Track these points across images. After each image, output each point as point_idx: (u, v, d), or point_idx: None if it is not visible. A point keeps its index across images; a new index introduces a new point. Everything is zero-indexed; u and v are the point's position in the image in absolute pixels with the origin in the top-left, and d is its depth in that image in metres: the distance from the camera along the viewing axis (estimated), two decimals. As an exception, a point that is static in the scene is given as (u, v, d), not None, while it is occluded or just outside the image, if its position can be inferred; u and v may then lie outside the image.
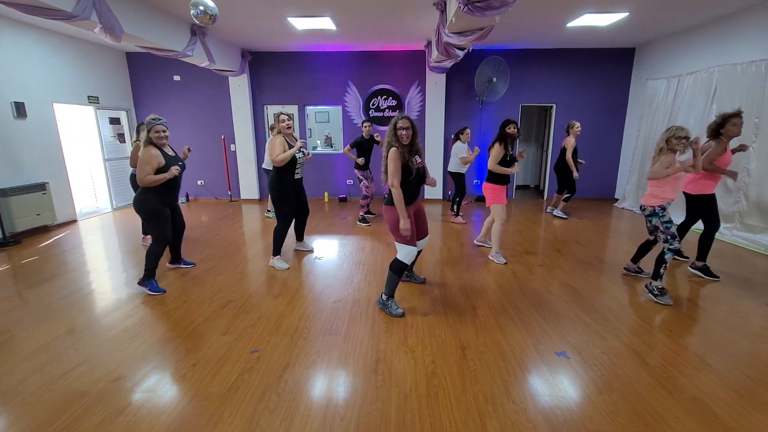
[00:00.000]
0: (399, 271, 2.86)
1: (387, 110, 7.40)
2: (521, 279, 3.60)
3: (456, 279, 3.60)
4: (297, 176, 3.83)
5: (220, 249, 4.54)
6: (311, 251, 4.42)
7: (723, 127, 3.38)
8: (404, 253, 2.81)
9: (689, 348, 2.46)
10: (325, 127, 9.10)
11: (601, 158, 7.38)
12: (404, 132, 2.68)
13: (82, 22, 3.68)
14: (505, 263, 3.98)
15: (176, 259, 3.92)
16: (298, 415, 1.90)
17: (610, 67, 7.06)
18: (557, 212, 6.10)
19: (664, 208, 3.11)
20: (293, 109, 7.60)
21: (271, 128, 5.28)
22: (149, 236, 4.85)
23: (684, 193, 3.62)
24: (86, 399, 2.02)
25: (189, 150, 3.95)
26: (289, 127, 3.76)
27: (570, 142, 5.62)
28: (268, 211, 6.41)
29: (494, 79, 6.84)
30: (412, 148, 2.76)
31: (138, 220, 5.44)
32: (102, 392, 2.07)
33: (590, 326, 2.73)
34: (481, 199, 7.58)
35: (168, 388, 2.11)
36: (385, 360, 2.34)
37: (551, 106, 7.43)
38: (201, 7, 3.22)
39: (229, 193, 7.82)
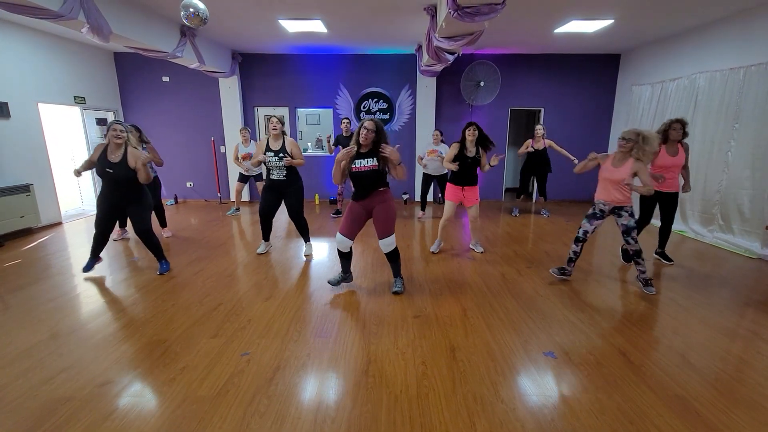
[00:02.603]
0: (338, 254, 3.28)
1: (378, 113, 7.43)
2: (510, 280, 3.64)
3: (446, 281, 3.63)
4: (273, 177, 4.03)
5: (209, 251, 4.50)
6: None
7: (667, 132, 3.70)
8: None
9: (672, 347, 2.53)
10: (315, 129, 9.09)
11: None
12: (364, 132, 2.92)
13: (70, 22, 3.63)
14: (434, 253, 4.38)
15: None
16: (289, 417, 1.89)
17: (596, 72, 7.21)
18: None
19: (593, 203, 3.47)
20: (284, 111, 7.58)
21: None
22: (121, 229, 5.11)
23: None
24: (71, 405, 1.98)
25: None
26: (275, 129, 3.92)
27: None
28: None
29: (482, 83, 6.94)
30: (364, 150, 2.97)
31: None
32: (88, 398, 2.04)
33: (577, 326, 2.78)
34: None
35: (156, 392, 2.09)
36: (375, 362, 2.35)
37: (540, 110, 7.54)
38: (191, 9, 3.20)
39: (218, 195, 7.76)
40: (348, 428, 1.83)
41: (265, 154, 3.95)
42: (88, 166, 3.55)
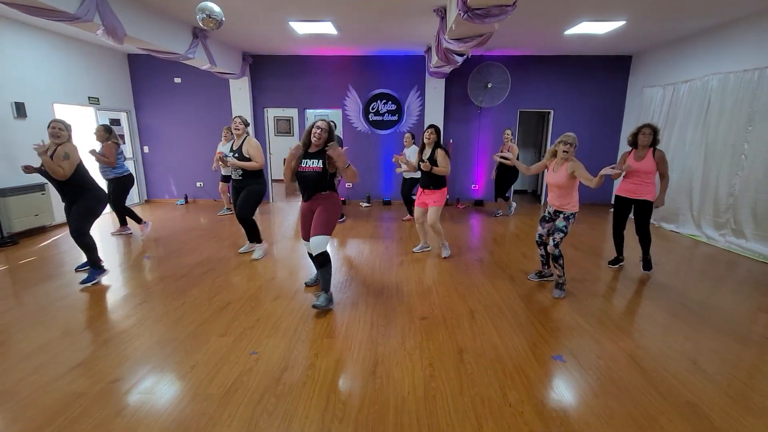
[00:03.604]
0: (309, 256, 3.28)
1: (387, 114, 7.44)
2: (518, 283, 3.62)
3: (453, 282, 3.62)
4: (232, 176, 4.15)
5: (218, 251, 4.54)
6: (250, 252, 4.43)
7: (636, 137, 3.70)
8: None
9: (683, 352, 2.49)
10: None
11: (597, 164, 7.34)
12: (317, 132, 2.89)
13: (85, 24, 3.70)
14: (419, 252, 4.47)
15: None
16: (297, 417, 1.91)
17: (607, 74, 7.14)
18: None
19: (546, 205, 3.52)
20: (293, 112, 7.64)
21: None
22: (122, 226, 5.31)
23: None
24: (84, 400, 2.02)
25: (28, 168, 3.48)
26: (237, 129, 4.01)
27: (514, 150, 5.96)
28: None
29: (489, 85, 6.92)
30: (313, 150, 2.94)
31: (133, 221, 5.44)
32: (100, 394, 2.07)
33: (587, 330, 2.76)
34: (478, 203, 7.63)
35: (166, 389, 2.11)
36: (383, 363, 2.36)
37: (549, 112, 7.49)
38: (207, 13, 3.26)
39: (228, 195, 7.82)
40: (356, 428, 1.83)
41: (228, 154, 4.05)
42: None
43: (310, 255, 3.25)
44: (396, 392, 2.09)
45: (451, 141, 7.47)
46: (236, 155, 3.96)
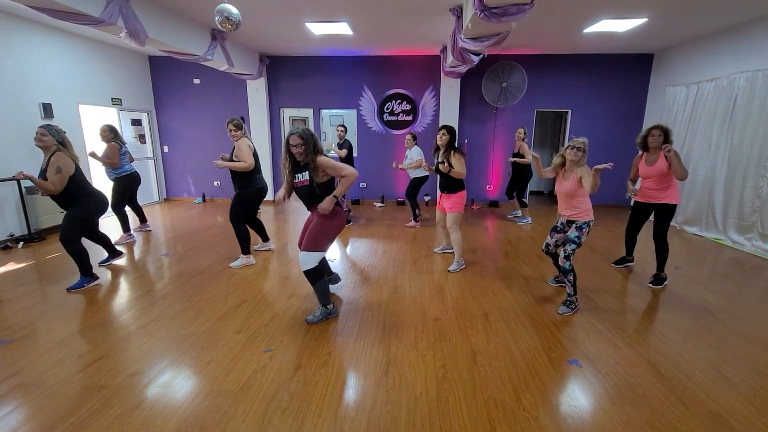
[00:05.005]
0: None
1: (401, 114, 7.44)
2: (534, 286, 3.57)
3: (467, 284, 3.59)
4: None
5: (235, 249, 4.61)
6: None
7: (646, 139, 3.54)
8: None
9: (706, 360, 2.41)
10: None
11: (616, 165, 7.20)
12: (295, 149, 2.59)
13: (109, 27, 3.82)
14: (440, 252, 4.42)
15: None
16: (310, 415, 1.92)
17: (627, 73, 6.97)
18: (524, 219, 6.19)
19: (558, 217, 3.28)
20: (308, 113, 7.70)
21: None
22: (142, 224, 5.45)
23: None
24: (105, 393, 2.08)
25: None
26: (233, 135, 3.93)
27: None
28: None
29: (503, 84, 6.84)
30: (300, 164, 2.66)
31: (152, 219, 5.59)
32: (120, 387, 2.13)
33: (604, 335, 2.70)
34: (493, 204, 7.55)
35: (183, 384, 2.16)
36: (395, 363, 2.35)
37: (566, 112, 7.36)
38: (225, 14, 3.32)
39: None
40: (368, 428, 1.84)
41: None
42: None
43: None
44: (408, 393, 2.09)
45: (466, 141, 7.41)
46: (235, 159, 3.87)
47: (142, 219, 5.45)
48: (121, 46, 6.49)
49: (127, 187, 5.01)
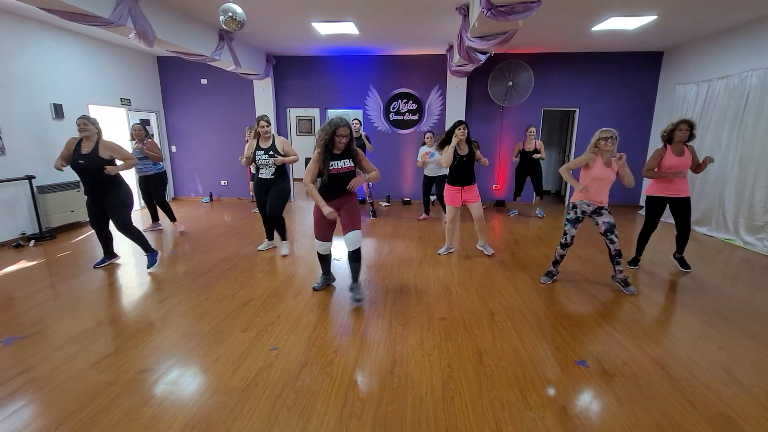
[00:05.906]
0: (318, 257, 3.29)
1: (407, 114, 7.43)
2: (541, 286, 3.55)
3: (473, 283, 3.58)
4: (261, 175, 4.13)
5: (241, 248, 4.65)
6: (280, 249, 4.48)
7: (673, 133, 3.63)
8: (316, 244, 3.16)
9: (717, 361, 2.38)
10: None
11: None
12: (343, 140, 2.89)
13: (119, 28, 3.86)
14: (445, 254, 4.40)
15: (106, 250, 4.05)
16: (316, 413, 1.93)
17: (636, 71, 6.89)
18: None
19: (574, 206, 3.39)
20: (315, 112, 7.73)
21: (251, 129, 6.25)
22: (154, 222, 5.58)
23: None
24: (114, 389, 2.11)
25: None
26: (263, 128, 4.01)
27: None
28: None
29: (509, 83, 6.80)
30: (340, 153, 2.96)
31: (161, 218, 5.66)
32: (128, 383, 2.16)
33: (612, 335, 2.67)
34: (500, 204, 7.51)
35: (191, 381, 2.18)
36: (401, 362, 2.35)
37: (574, 111, 7.30)
38: (230, 14, 3.34)
39: (251, 193, 7.99)
40: (373, 426, 1.84)
41: (255, 152, 4.04)
42: (64, 160, 3.62)
43: (320, 255, 3.27)
44: (414, 392, 2.09)
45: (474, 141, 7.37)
46: (271, 153, 4.00)
47: (155, 218, 5.52)
48: (130, 47, 6.57)
49: (164, 182, 5.33)
